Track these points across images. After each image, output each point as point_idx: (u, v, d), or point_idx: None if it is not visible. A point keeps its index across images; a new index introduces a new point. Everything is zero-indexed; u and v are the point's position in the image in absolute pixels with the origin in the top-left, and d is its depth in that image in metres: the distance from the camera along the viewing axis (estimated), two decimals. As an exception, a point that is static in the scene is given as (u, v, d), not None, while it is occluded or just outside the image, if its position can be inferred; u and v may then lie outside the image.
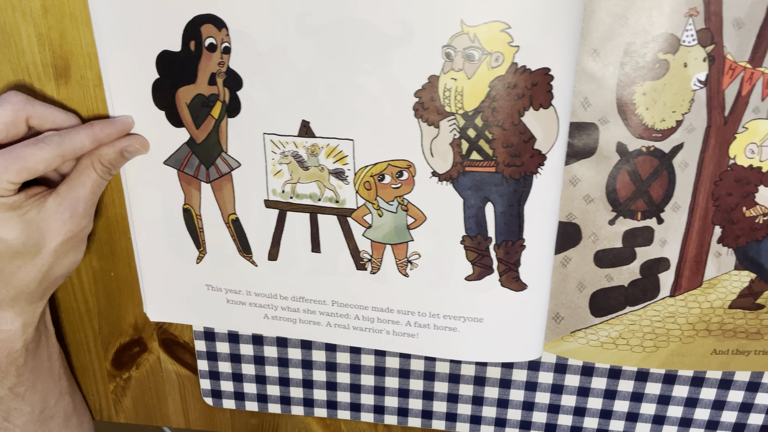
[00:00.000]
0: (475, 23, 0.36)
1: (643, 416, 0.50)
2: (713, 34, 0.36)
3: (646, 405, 0.49)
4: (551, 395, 0.50)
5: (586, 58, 0.38)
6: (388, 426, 0.55)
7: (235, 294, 0.48)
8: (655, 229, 0.42)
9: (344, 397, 0.53)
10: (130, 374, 0.57)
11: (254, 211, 0.45)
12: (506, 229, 0.42)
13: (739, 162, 0.40)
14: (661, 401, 0.49)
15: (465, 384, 0.51)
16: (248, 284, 0.48)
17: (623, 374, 0.48)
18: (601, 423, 0.51)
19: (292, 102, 0.40)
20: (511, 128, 0.38)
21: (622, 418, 0.50)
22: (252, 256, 0.46)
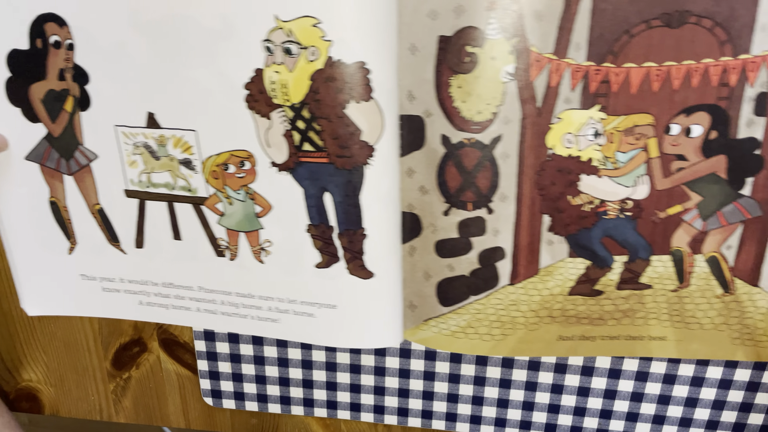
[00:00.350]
0: (287, 18, 0.38)
1: (643, 416, 0.51)
2: (516, 26, 0.38)
3: (646, 405, 0.50)
4: (551, 395, 0.51)
5: (405, 53, 0.40)
6: (388, 426, 0.56)
7: (110, 282, 0.50)
8: (486, 219, 0.44)
9: (344, 397, 0.54)
10: (130, 374, 0.58)
11: (116, 200, 0.47)
12: (346, 218, 0.44)
13: (557, 152, 0.41)
14: (661, 401, 0.50)
15: (465, 384, 0.52)
16: (120, 272, 0.50)
17: (623, 374, 0.49)
18: (601, 423, 0.51)
19: (136, 94, 0.43)
20: (337, 120, 0.40)
21: (622, 418, 0.51)
22: (120, 244, 0.48)
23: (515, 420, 0.53)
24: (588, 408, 0.51)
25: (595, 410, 0.51)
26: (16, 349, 0.58)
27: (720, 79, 0.39)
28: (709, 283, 0.44)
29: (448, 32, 0.39)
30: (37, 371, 0.60)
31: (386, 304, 0.46)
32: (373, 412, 0.55)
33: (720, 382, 0.48)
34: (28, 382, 0.60)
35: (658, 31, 0.38)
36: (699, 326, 0.45)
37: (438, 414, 0.54)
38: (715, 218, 0.42)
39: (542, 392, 0.51)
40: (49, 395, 0.61)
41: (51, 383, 0.60)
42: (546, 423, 0.52)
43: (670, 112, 0.40)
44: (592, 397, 0.50)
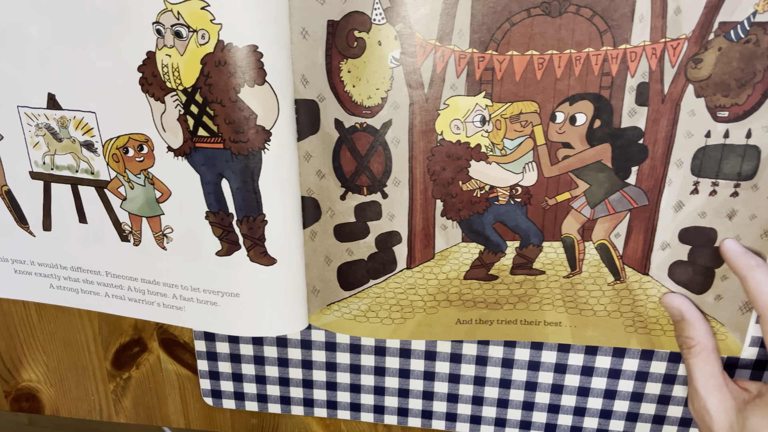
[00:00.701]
0: (176, 0, 0.39)
1: (643, 416, 0.51)
2: (399, 11, 0.39)
3: (646, 405, 0.50)
4: (551, 395, 0.51)
5: (297, 37, 0.41)
6: (388, 426, 0.56)
7: (21, 264, 0.51)
8: (381, 204, 0.44)
9: (344, 397, 0.55)
10: (130, 374, 0.59)
11: (22, 182, 0.48)
12: (245, 204, 0.44)
13: (447, 138, 0.42)
14: (661, 401, 0.50)
15: (465, 384, 0.52)
16: (31, 254, 0.51)
17: (623, 374, 0.50)
18: (601, 423, 0.52)
19: (37, 75, 0.43)
20: (230, 105, 0.41)
21: (622, 418, 0.51)
22: (29, 226, 0.49)
23: (515, 420, 0.53)
24: (588, 408, 0.51)
25: (595, 410, 0.51)
26: (16, 349, 0.59)
27: (601, 68, 0.39)
28: (600, 271, 0.45)
29: (336, 17, 0.40)
30: (37, 371, 0.60)
31: (290, 290, 0.47)
32: (373, 412, 0.55)
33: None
34: (28, 382, 0.61)
35: (539, 19, 0.39)
36: (593, 313, 0.46)
37: (438, 414, 0.54)
38: (603, 206, 0.43)
39: (542, 392, 0.51)
40: (49, 395, 0.61)
41: (51, 383, 0.60)
42: (546, 423, 0.53)
43: (555, 101, 0.40)
44: (592, 397, 0.51)
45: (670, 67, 0.39)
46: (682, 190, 0.42)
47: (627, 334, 0.46)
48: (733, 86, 0.39)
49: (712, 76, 0.39)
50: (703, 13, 0.37)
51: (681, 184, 0.42)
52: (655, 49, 0.39)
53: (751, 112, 0.39)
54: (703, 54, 0.38)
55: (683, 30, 0.38)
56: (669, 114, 0.40)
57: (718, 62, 0.38)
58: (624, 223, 0.43)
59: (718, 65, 0.38)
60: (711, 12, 0.37)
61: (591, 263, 0.45)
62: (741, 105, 0.39)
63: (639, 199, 0.42)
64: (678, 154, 0.41)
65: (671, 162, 0.41)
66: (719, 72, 0.39)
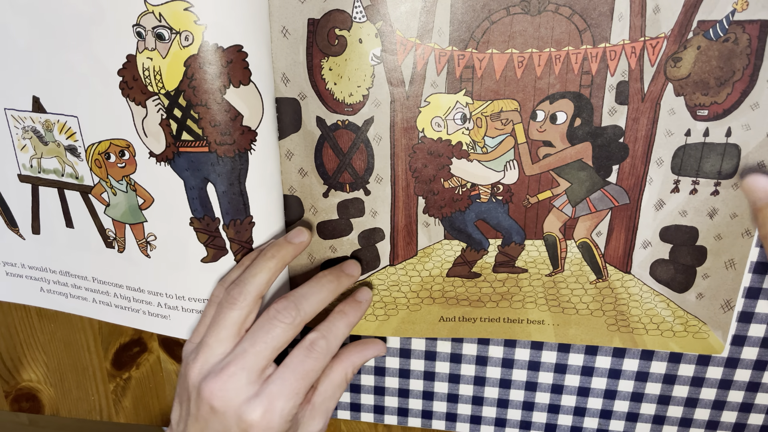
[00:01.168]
0: (157, 2, 0.38)
1: (643, 416, 0.51)
2: (379, 9, 0.39)
3: (646, 405, 0.51)
4: (551, 395, 0.52)
5: (277, 36, 0.41)
6: (388, 426, 0.57)
7: (12, 266, 0.52)
8: (364, 201, 0.45)
9: (344, 397, 0.55)
10: (130, 374, 0.59)
11: (11, 185, 0.48)
12: (231, 208, 0.44)
13: (428, 135, 0.43)
14: (661, 401, 0.50)
15: (465, 384, 0.53)
16: (21, 257, 0.51)
17: (623, 374, 0.50)
18: (601, 423, 0.52)
19: (21, 77, 0.44)
20: (216, 107, 0.40)
21: (622, 418, 0.52)
22: (18, 229, 0.50)
23: (515, 420, 0.53)
24: (588, 408, 0.52)
25: (595, 410, 0.52)
26: (16, 349, 0.59)
27: (581, 67, 0.40)
28: (582, 269, 0.45)
29: (317, 15, 0.40)
30: (37, 371, 0.60)
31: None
32: (373, 412, 0.55)
33: (720, 382, 0.49)
34: (28, 382, 0.61)
35: (519, 18, 0.39)
36: (575, 311, 0.46)
37: (438, 414, 0.54)
38: (584, 204, 0.43)
39: (542, 392, 0.52)
40: (49, 395, 0.61)
41: (51, 383, 0.60)
42: (546, 423, 0.53)
43: (535, 99, 0.41)
44: (592, 397, 0.51)
45: (650, 65, 0.39)
46: (662, 188, 0.42)
47: (610, 332, 0.47)
48: (713, 85, 0.39)
49: (691, 75, 0.39)
50: (681, 11, 0.38)
51: (662, 183, 0.42)
52: (634, 47, 0.39)
53: (731, 110, 0.39)
54: (682, 53, 0.39)
55: (662, 29, 0.38)
56: (649, 113, 0.40)
57: (698, 61, 0.39)
58: (605, 222, 0.44)
59: (697, 64, 0.39)
60: (690, 11, 0.38)
61: (573, 262, 0.45)
62: (720, 103, 0.39)
63: (620, 197, 0.43)
64: (658, 153, 0.41)
65: (652, 160, 0.42)
66: (698, 71, 0.39)
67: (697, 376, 0.49)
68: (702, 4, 0.37)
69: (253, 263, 0.43)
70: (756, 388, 0.48)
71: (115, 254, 0.48)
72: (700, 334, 0.45)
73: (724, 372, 0.48)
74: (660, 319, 0.46)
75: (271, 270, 0.42)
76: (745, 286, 0.45)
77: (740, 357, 0.47)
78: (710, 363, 0.48)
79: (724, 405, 0.50)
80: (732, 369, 0.48)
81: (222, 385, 0.39)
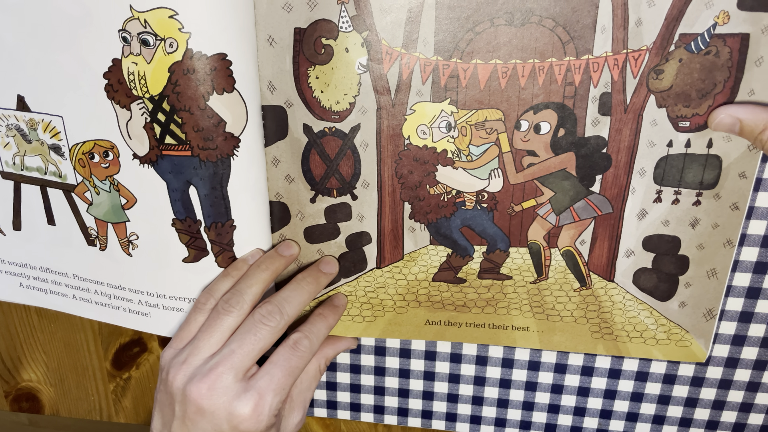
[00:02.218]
0: (143, 9, 0.40)
1: (643, 416, 0.53)
2: (365, 19, 0.41)
3: (646, 405, 0.52)
4: (551, 395, 0.53)
5: (263, 44, 0.43)
6: (388, 426, 0.58)
7: None
8: (351, 205, 0.47)
9: (344, 397, 0.56)
10: (130, 374, 0.61)
11: None
12: (213, 211, 0.46)
13: (414, 142, 0.44)
14: (661, 401, 0.52)
15: (465, 384, 0.54)
16: (1, 253, 0.53)
17: (623, 374, 0.51)
18: (601, 423, 0.54)
19: (6, 76, 0.45)
20: (199, 112, 0.42)
21: (622, 418, 0.53)
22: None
23: (515, 420, 0.55)
24: (588, 408, 0.53)
25: (595, 410, 0.53)
26: (16, 349, 0.60)
27: (564, 78, 0.41)
28: (566, 277, 0.47)
29: (303, 24, 0.42)
30: (37, 371, 0.61)
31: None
32: (373, 412, 0.57)
33: (720, 382, 0.50)
34: (28, 382, 0.62)
35: (503, 29, 0.41)
36: (559, 318, 0.48)
37: (438, 414, 0.56)
38: (568, 213, 0.45)
39: (542, 392, 0.53)
40: (49, 395, 0.62)
41: (51, 383, 0.62)
42: (546, 423, 0.54)
43: (519, 109, 0.42)
44: (592, 397, 0.52)
45: (632, 77, 0.41)
46: (645, 198, 0.44)
47: (594, 339, 0.48)
48: (694, 97, 0.41)
49: (673, 87, 0.41)
50: (663, 25, 0.39)
51: (644, 193, 0.44)
52: (617, 59, 0.41)
53: (712, 122, 0.41)
54: (664, 65, 0.40)
55: (644, 41, 0.40)
56: (631, 124, 0.42)
57: (679, 73, 0.40)
58: (589, 231, 0.45)
59: (679, 76, 0.40)
60: (671, 24, 0.39)
61: (557, 269, 0.47)
62: (702, 115, 0.41)
63: (603, 206, 0.44)
64: (641, 163, 0.43)
65: (634, 171, 0.43)
66: (680, 83, 0.40)
67: (697, 376, 0.50)
68: (683, 17, 0.39)
69: (248, 274, 0.45)
70: (756, 388, 0.50)
71: (97, 252, 0.50)
72: (682, 342, 0.47)
73: (724, 372, 0.50)
74: (643, 327, 0.47)
75: (265, 281, 0.45)
76: (745, 286, 0.46)
77: (740, 357, 0.49)
78: (710, 363, 0.50)
79: (724, 405, 0.51)
80: (732, 369, 0.50)
81: (210, 384, 0.41)
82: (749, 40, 0.39)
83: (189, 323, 0.45)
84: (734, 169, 0.42)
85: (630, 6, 0.39)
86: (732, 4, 0.38)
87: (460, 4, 0.40)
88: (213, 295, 0.45)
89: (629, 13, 0.39)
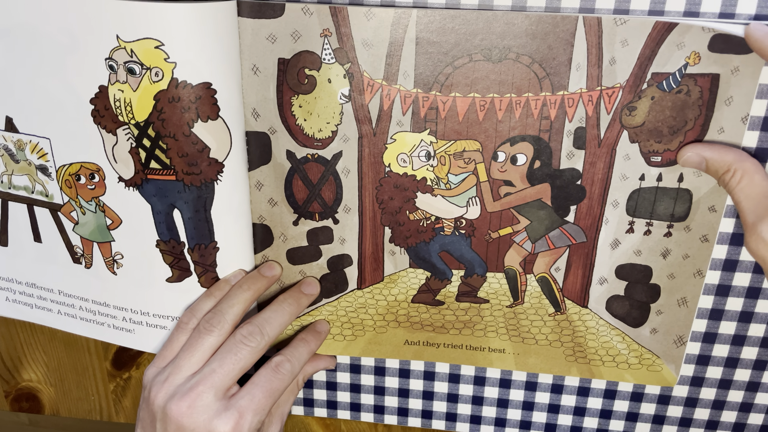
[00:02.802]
0: (129, 39, 0.41)
1: (643, 416, 0.54)
2: (347, 52, 0.43)
3: (646, 405, 0.53)
4: (551, 395, 0.54)
5: (248, 73, 0.44)
6: (388, 426, 0.59)
7: None
8: (333, 229, 0.49)
9: (344, 397, 0.57)
10: (130, 374, 0.62)
11: None
12: (197, 233, 0.47)
13: (394, 170, 0.46)
14: (661, 401, 0.53)
15: (465, 384, 0.55)
16: None
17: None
18: (601, 423, 0.55)
19: None
20: (183, 139, 0.43)
21: (622, 418, 0.54)
22: None
23: (515, 420, 0.56)
24: (588, 408, 0.54)
25: (595, 410, 0.54)
26: (16, 349, 0.61)
27: (540, 112, 0.43)
28: (541, 302, 0.49)
29: (287, 55, 0.43)
30: (37, 371, 0.62)
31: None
32: (373, 412, 0.57)
33: (720, 382, 0.51)
34: (28, 382, 0.63)
35: (480, 64, 0.42)
36: (535, 342, 0.50)
37: (438, 414, 0.56)
38: (543, 241, 0.47)
39: (542, 392, 0.53)
40: (49, 395, 0.63)
41: (51, 383, 0.62)
42: (546, 423, 0.56)
43: (496, 141, 0.44)
44: (592, 397, 0.54)
45: (606, 113, 0.43)
46: (618, 228, 0.46)
47: (567, 363, 0.50)
48: (666, 133, 0.42)
49: (645, 124, 0.42)
50: (636, 64, 0.41)
51: (617, 224, 0.46)
52: (591, 96, 0.42)
53: (683, 158, 0.43)
54: (637, 102, 0.42)
55: (618, 79, 0.42)
56: (605, 157, 0.44)
57: (651, 110, 0.42)
58: (563, 258, 0.47)
59: (651, 113, 0.42)
60: (644, 63, 0.41)
61: (533, 294, 0.49)
62: (673, 151, 0.43)
63: (577, 236, 0.46)
64: (614, 195, 0.45)
65: (607, 202, 0.45)
66: (652, 120, 0.42)
67: (697, 375, 0.52)
68: (656, 57, 0.41)
69: (229, 294, 0.47)
70: (756, 388, 0.51)
71: (82, 269, 0.52)
72: (653, 367, 0.49)
73: (723, 372, 0.51)
74: (616, 352, 0.49)
75: (246, 301, 0.47)
76: (745, 286, 0.48)
77: (740, 357, 0.50)
78: (710, 363, 0.51)
79: (723, 405, 0.52)
80: (732, 369, 0.51)
81: (191, 402, 0.43)
82: (719, 81, 0.40)
83: (171, 342, 0.47)
84: (704, 202, 0.44)
85: (604, 45, 0.41)
86: (703, 45, 0.40)
87: (440, 40, 0.42)
88: (195, 314, 0.47)
89: (603, 52, 0.41)
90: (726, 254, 0.46)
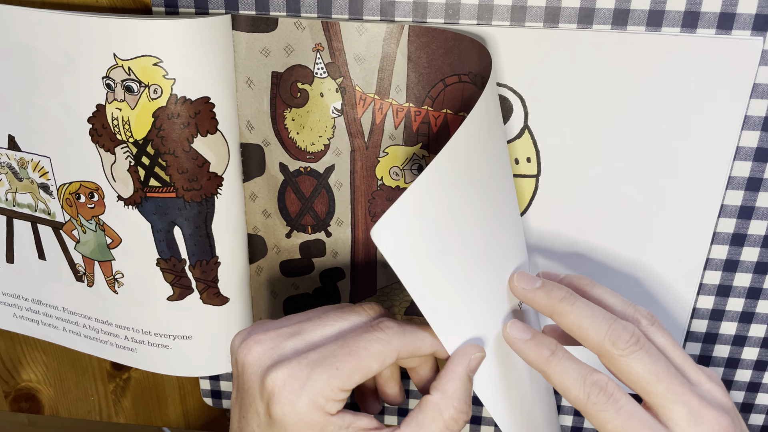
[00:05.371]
0: (127, 57, 0.43)
1: None
2: (340, 67, 0.46)
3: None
4: None
5: (242, 86, 0.48)
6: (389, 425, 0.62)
7: None
8: (325, 242, 0.52)
9: None
10: (130, 374, 0.64)
11: None
12: (198, 249, 0.49)
13: (386, 183, 0.50)
14: None
15: None
16: None
17: None
18: None
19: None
20: (183, 155, 0.45)
21: None
22: None
23: None
24: None
25: None
26: (16, 349, 0.62)
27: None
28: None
29: (280, 69, 0.47)
30: (37, 371, 0.64)
31: (241, 326, 0.54)
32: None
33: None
34: (28, 382, 0.64)
35: (468, 86, 0.46)
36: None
37: None
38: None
39: None
40: (49, 395, 0.65)
41: (51, 383, 0.64)
42: None
43: (486, 152, 0.48)
44: None
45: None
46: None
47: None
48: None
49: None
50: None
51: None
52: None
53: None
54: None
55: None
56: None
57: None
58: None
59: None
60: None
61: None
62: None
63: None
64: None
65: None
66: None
67: None
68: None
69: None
70: (756, 388, 0.54)
71: (85, 288, 0.54)
72: None
73: (724, 372, 0.54)
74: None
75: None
76: (745, 286, 0.51)
77: (740, 357, 0.53)
78: (710, 363, 0.54)
79: None
80: (732, 369, 0.54)
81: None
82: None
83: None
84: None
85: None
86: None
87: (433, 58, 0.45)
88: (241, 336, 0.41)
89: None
90: (726, 254, 0.50)
